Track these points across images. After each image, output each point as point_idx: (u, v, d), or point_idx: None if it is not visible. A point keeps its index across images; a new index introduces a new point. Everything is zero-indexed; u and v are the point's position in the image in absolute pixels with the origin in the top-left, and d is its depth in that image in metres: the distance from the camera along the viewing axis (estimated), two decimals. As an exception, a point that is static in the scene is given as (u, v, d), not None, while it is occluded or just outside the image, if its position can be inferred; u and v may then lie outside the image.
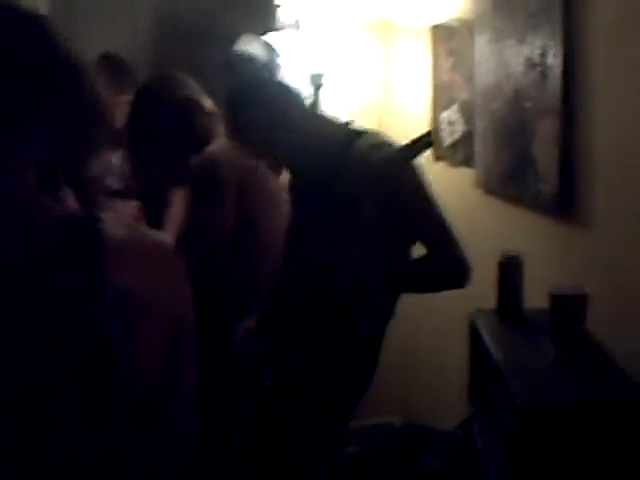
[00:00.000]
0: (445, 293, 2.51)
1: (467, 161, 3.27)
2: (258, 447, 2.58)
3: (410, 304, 2.68)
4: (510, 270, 2.20)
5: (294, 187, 2.65)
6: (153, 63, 4.41)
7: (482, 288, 2.33)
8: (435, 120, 3.63)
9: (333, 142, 2.45)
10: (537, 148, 2.50)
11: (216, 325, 2.69)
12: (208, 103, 2.93)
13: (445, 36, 3.48)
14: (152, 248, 1.21)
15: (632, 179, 2.00)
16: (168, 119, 2.86)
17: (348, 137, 2.46)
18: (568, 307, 1.90)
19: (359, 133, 2.47)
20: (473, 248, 2.50)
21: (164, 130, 2.87)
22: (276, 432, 2.54)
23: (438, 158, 3.62)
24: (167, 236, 2.66)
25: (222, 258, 2.89)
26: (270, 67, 3.81)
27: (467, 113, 3.25)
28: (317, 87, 4.08)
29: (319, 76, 4.10)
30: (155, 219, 2.88)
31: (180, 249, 2.21)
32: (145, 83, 3.01)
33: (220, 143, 2.89)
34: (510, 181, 2.74)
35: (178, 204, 2.93)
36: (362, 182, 2.34)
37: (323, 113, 2.64)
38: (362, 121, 2.73)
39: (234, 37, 3.90)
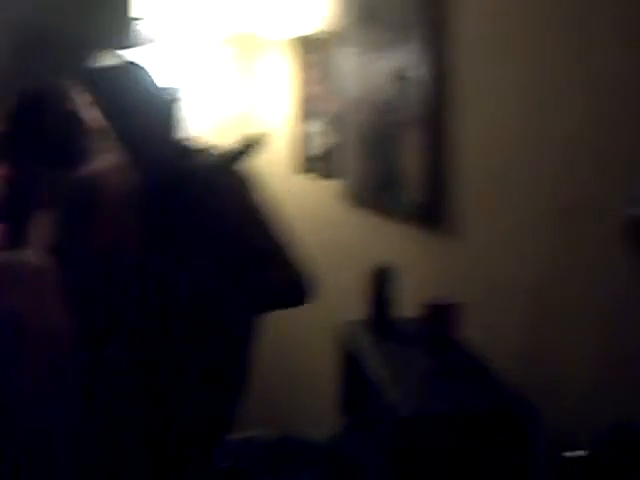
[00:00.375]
0: (316, 306, 2.49)
1: (335, 173, 3.28)
2: (133, 462, 2.51)
3: (278, 319, 2.65)
4: (381, 281, 2.21)
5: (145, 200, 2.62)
6: (11, 75, 4.27)
7: (352, 301, 2.33)
8: (301, 132, 3.64)
9: (175, 159, 2.45)
10: (404, 159, 2.53)
11: (95, 343, 2.62)
12: (93, 117, 2.84)
13: (311, 48, 3.49)
14: (26, 270, 1.19)
15: (501, 187, 2.04)
16: (43, 134, 2.76)
17: (185, 153, 2.46)
18: (441, 317, 1.92)
19: (195, 150, 2.47)
20: (342, 260, 2.50)
21: (38, 146, 2.77)
22: (151, 447, 2.48)
23: (306, 170, 3.63)
24: (39, 257, 2.57)
25: (98, 278, 2.81)
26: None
27: (334, 125, 3.27)
28: (174, 102, 4.03)
29: (176, 90, 4.05)
30: (22, 240, 2.77)
31: (54, 269, 2.14)
32: (22, 94, 2.89)
33: (101, 161, 2.81)
34: (378, 192, 2.76)
35: (48, 224, 2.83)
36: (193, 198, 2.34)
37: (177, 129, 2.61)
38: (224, 135, 2.70)
39: (89, 51, 3.81)
